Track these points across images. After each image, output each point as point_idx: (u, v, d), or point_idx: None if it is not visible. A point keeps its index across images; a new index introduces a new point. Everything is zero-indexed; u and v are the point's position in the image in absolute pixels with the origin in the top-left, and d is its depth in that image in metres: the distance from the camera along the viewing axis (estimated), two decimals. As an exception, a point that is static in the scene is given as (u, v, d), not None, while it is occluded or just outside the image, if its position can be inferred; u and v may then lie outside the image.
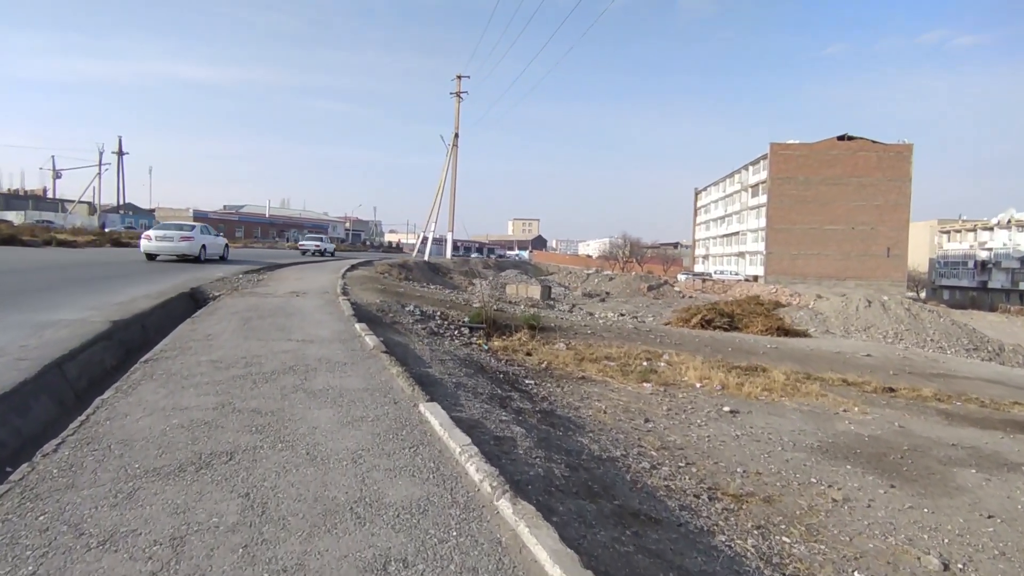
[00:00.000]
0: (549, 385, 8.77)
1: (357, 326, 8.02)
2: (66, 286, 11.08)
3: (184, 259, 19.64)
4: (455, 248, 51.05)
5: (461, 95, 41.63)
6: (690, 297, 34.73)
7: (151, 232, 20.42)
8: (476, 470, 3.08)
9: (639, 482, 4.69)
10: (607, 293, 34.83)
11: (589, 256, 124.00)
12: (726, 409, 8.38)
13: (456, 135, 41.68)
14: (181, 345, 6.42)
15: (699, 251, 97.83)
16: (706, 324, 18.24)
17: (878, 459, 6.78)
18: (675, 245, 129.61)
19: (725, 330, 18.01)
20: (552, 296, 28.94)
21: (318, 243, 37.81)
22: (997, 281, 75.00)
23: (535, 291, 27.84)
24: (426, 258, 38.16)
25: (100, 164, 68.25)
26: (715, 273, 72.80)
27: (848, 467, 6.38)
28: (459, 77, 41.88)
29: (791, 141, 68.67)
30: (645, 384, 9.50)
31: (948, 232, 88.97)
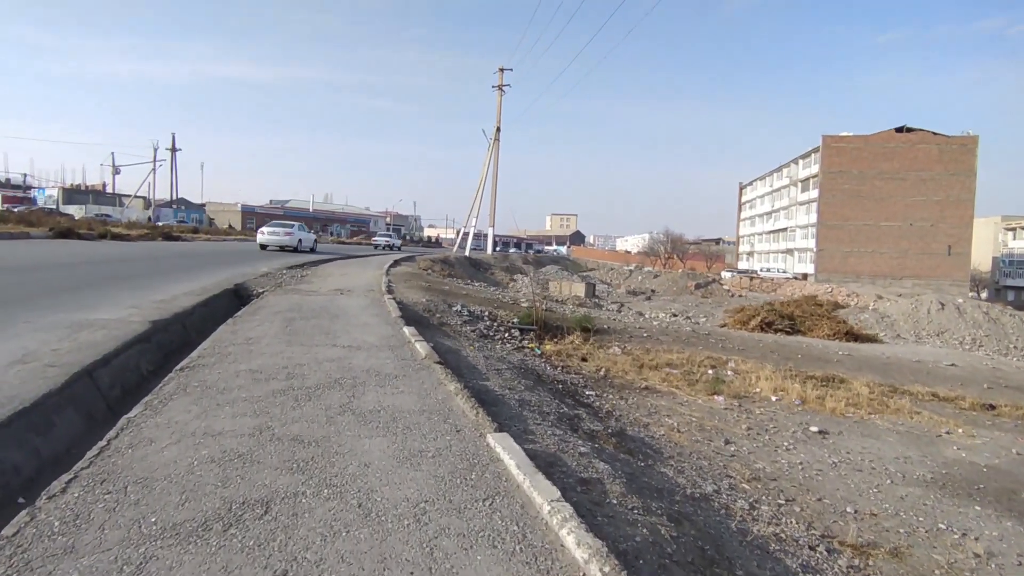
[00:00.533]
0: (611, 397, 8.01)
1: (405, 330, 7.41)
2: (111, 282, 10.86)
3: (283, 249, 25.16)
4: (493, 243, 50.57)
5: (503, 88, 40.94)
6: (739, 296, 33.18)
7: (264, 229, 26.29)
8: (576, 542, 2.37)
9: (747, 532, 3.90)
10: (652, 291, 33.57)
11: (628, 252, 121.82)
12: (813, 429, 7.46)
13: (498, 129, 41.02)
14: (220, 350, 5.91)
15: (743, 247, 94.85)
16: (766, 327, 17.11)
17: (1008, 497, 5.79)
18: (716, 241, 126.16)
19: (787, 333, 16.86)
20: (596, 293, 28.01)
21: (388, 239, 46.55)
22: (1069, 282, 70.13)
23: (579, 288, 26.96)
24: (467, 254, 37.68)
25: (155, 160, 70.16)
26: (761, 271, 70.25)
27: (977, 508, 5.43)
28: (501, 70, 41.16)
29: (844, 133, 65.63)
30: (716, 397, 8.63)
31: (1013, 229, 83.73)
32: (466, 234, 41.60)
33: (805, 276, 64.98)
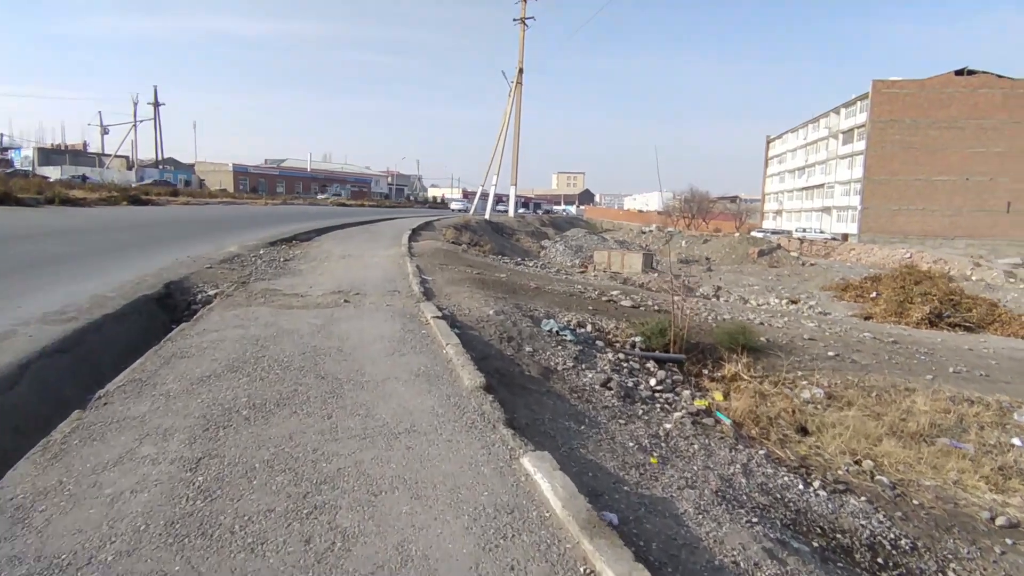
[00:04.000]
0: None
1: (541, 483, 2.65)
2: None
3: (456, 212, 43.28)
4: (498, 203, 44.63)
5: (526, 21, 35.08)
6: (812, 264, 28.32)
7: (453, 201, 65.52)
8: None
9: None
10: (707, 259, 28.66)
11: (640, 211, 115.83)
12: None
13: (520, 71, 35.30)
14: None
15: (770, 205, 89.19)
16: (936, 320, 12.33)
17: None
18: (733, 199, 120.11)
19: (969, 330, 12.11)
20: (654, 265, 23.19)
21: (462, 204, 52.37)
22: None
23: (635, 260, 22.14)
24: (487, 216, 32.64)
25: (135, 116, 64.44)
26: (795, 231, 64.98)
27: None
28: None
29: (895, 78, 59.37)
30: None
31: (1065, 183, 77.79)
32: (485, 195, 36.38)
33: (846, 236, 59.76)
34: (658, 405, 5.05)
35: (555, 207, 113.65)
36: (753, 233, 61.53)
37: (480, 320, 6.04)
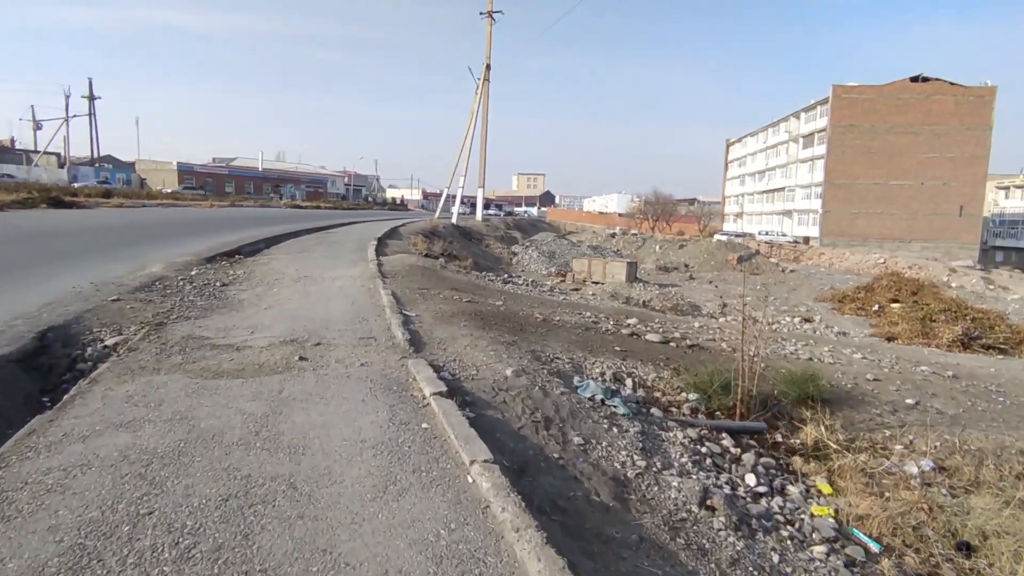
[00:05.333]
0: None
1: None
2: None
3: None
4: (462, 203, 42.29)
5: (494, 15, 33.30)
6: (791, 271, 27.50)
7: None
8: None
9: None
10: (686, 266, 27.47)
11: (601, 213, 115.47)
12: None
13: (488, 67, 33.53)
14: None
15: (730, 208, 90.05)
16: (968, 342, 11.16)
17: None
18: (691, 201, 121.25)
19: (1003, 352, 11.00)
20: (638, 276, 21.74)
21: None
22: (1063, 242, 67.87)
23: (618, 269, 20.62)
24: (454, 220, 30.69)
25: (67, 110, 59.58)
26: (758, 234, 65.30)
27: None
28: (491, -8, 33.44)
29: (853, 83, 60.24)
30: None
31: (1006, 188, 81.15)
32: (451, 197, 34.44)
33: (807, 240, 60.30)
34: (784, 532, 3.37)
35: (516, 208, 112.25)
36: (716, 236, 61.44)
37: (497, 388, 4.23)
